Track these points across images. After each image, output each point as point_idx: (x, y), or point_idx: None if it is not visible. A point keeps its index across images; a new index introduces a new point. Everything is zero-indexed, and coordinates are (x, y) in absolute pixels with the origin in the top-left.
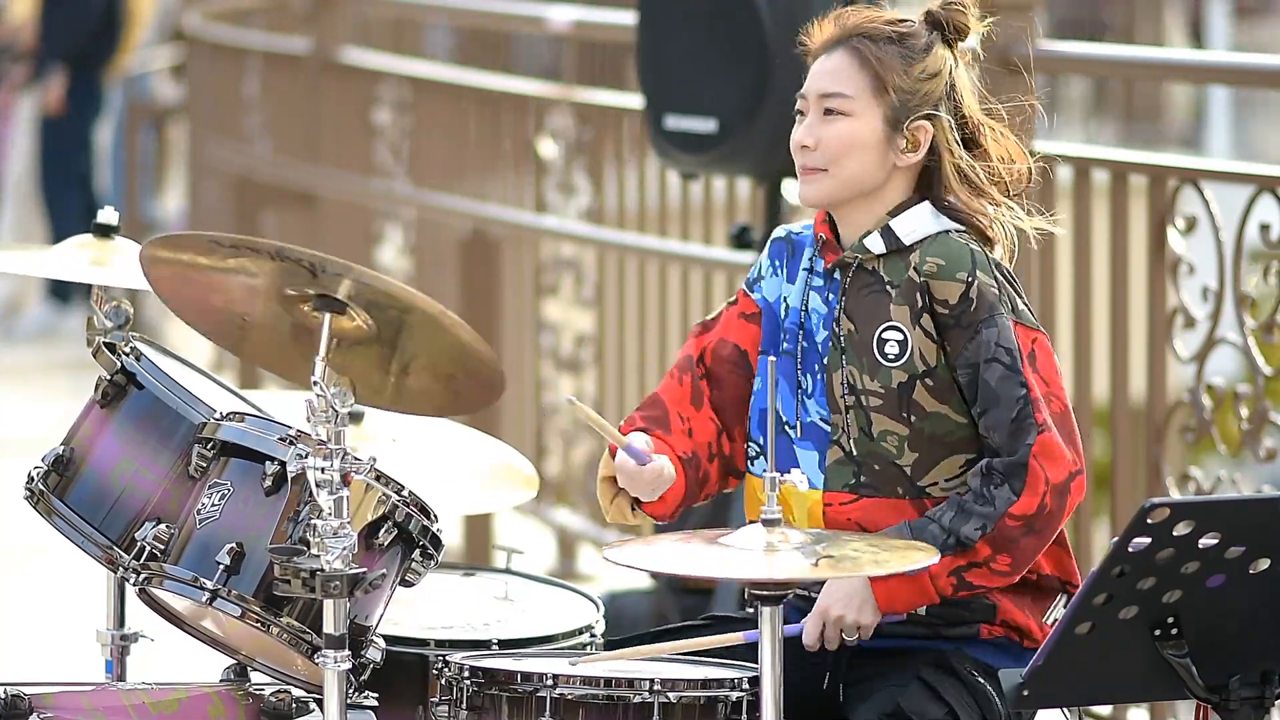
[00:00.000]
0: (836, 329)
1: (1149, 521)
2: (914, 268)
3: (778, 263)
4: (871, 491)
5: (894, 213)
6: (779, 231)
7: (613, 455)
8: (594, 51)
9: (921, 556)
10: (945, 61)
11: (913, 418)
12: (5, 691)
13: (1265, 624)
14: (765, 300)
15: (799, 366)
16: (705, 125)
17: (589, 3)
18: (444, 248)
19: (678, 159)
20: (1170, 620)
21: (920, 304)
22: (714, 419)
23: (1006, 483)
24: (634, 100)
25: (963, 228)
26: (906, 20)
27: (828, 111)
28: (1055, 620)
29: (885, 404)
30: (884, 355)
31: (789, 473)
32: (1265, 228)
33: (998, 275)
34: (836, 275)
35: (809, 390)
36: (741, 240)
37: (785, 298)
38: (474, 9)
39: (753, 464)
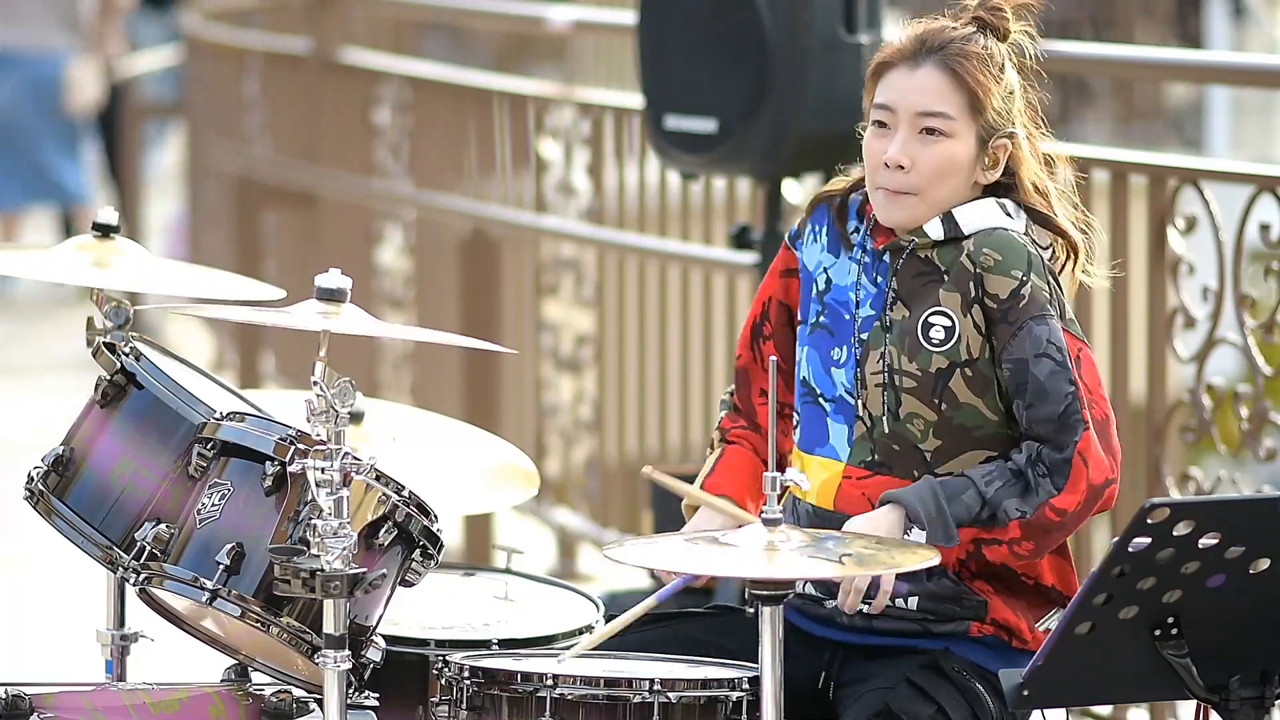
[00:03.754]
0: (888, 312)
1: (1149, 521)
2: (968, 255)
3: (817, 228)
4: (886, 470)
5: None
6: (826, 192)
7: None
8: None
9: (930, 555)
10: (1015, 77)
11: (944, 405)
12: (6, 691)
13: (1265, 624)
14: (805, 265)
15: (833, 336)
16: (705, 125)
17: (589, 2)
18: (444, 248)
19: (678, 159)
20: (1170, 620)
21: (973, 294)
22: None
23: (1049, 476)
24: (634, 100)
25: (1023, 230)
26: (974, 32)
27: (926, 130)
28: (1049, 629)
29: (919, 387)
30: (928, 339)
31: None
32: (1265, 228)
33: (1050, 280)
34: (886, 258)
35: (840, 361)
36: (741, 240)
37: (826, 268)
38: (474, 9)
39: (796, 431)
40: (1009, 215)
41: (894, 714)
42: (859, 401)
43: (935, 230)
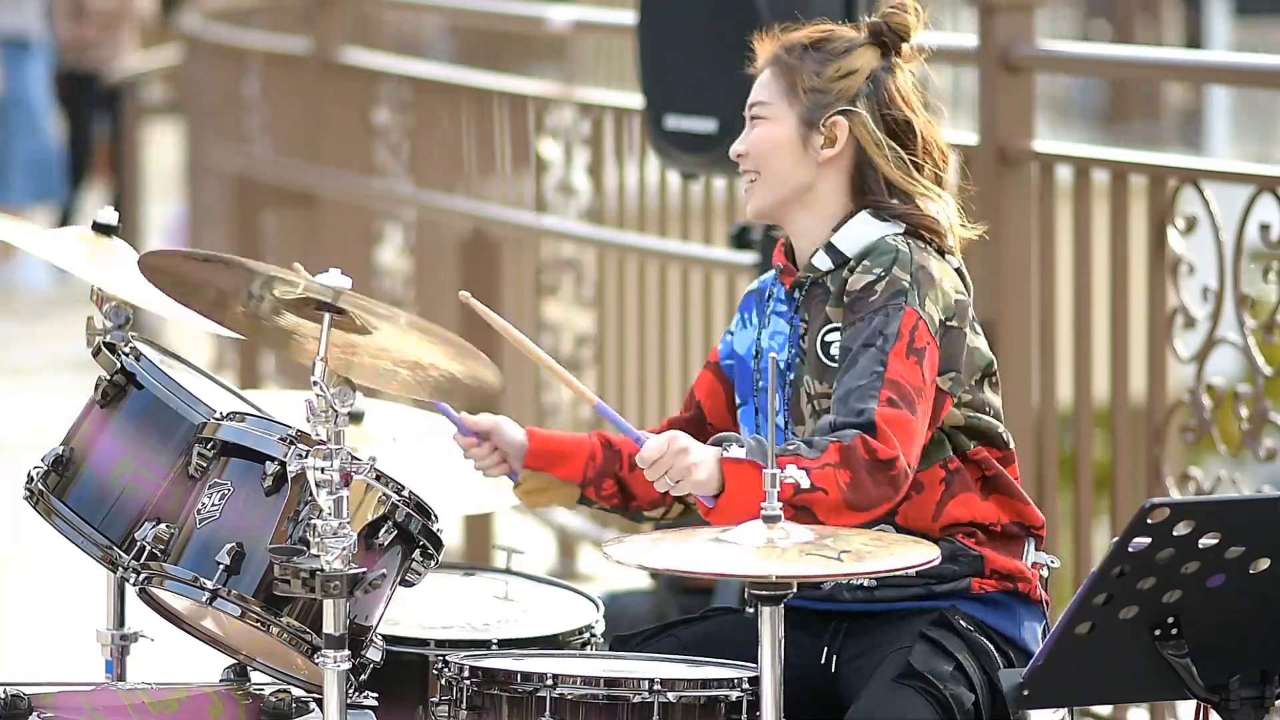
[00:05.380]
0: (802, 345)
1: (1149, 521)
2: (849, 270)
3: (747, 315)
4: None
5: (837, 228)
6: (752, 284)
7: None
8: None
9: (926, 552)
10: (865, 60)
11: None
12: (5, 691)
13: (1265, 624)
14: (735, 352)
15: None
16: (705, 125)
17: (589, 2)
18: (444, 248)
19: (678, 159)
20: (1170, 620)
21: (843, 300)
22: None
23: (850, 426)
24: (634, 100)
25: (903, 229)
26: (836, 31)
27: (751, 119)
28: (1036, 561)
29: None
30: (829, 357)
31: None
32: (1265, 228)
33: (915, 273)
34: (796, 295)
35: (779, 410)
36: (741, 240)
37: (757, 341)
38: (474, 9)
39: None
40: (885, 220)
41: (918, 672)
42: (794, 433)
43: (822, 262)
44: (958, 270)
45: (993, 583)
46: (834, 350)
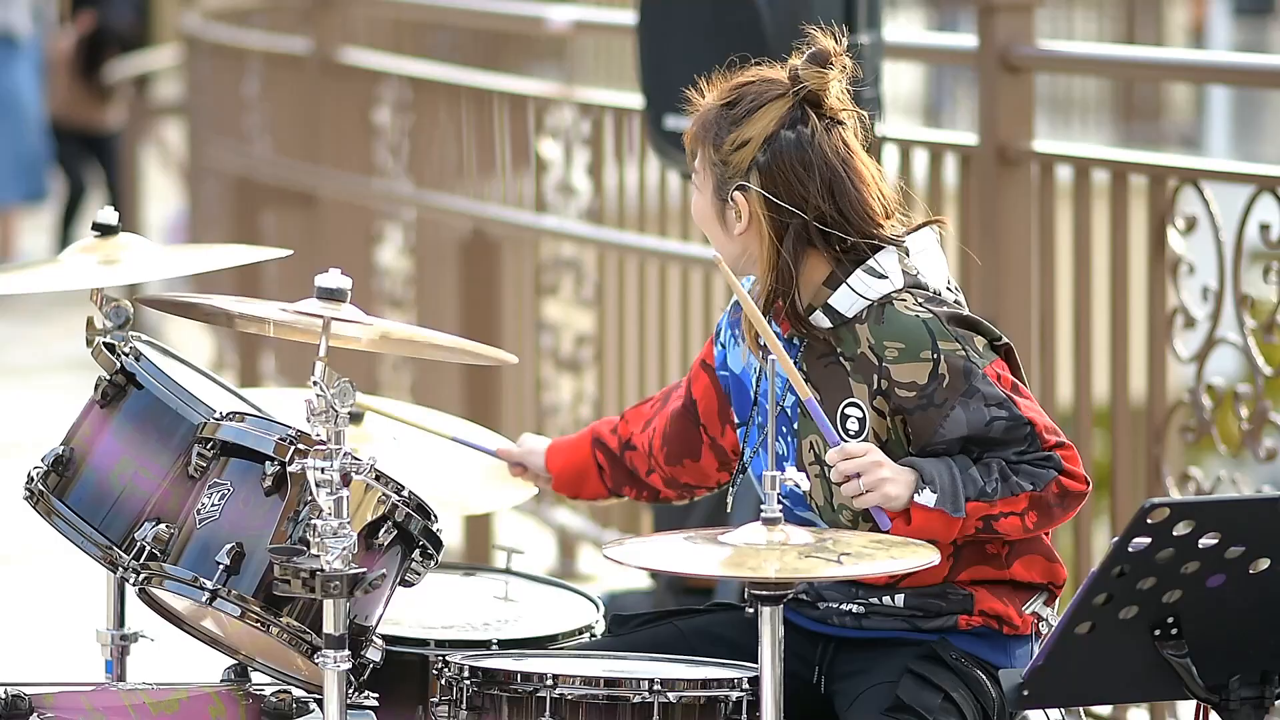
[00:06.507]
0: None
1: (1149, 521)
2: (870, 348)
3: (736, 332)
4: None
5: (830, 283)
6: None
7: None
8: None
9: (927, 555)
10: (761, 125)
11: None
12: (5, 691)
13: (1265, 624)
14: (731, 372)
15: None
16: None
17: (589, 2)
18: (444, 248)
19: (678, 159)
20: (1170, 620)
21: (876, 385)
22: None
23: (1043, 465)
24: (634, 100)
25: (899, 288)
26: (751, 85)
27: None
28: (1035, 611)
29: None
30: (845, 430)
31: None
32: (1265, 228)
33: (956, 334)
34: (795, 340)
35: (785, 455)
36: None
37: (755, 368)
38: (474, 9)
39: None
40: (883, 276)
41: (906, 705)
42: (805, 492)
43: (821, 321)
44: (949, 286)
45: (979, 620)
46: (851, 425)
